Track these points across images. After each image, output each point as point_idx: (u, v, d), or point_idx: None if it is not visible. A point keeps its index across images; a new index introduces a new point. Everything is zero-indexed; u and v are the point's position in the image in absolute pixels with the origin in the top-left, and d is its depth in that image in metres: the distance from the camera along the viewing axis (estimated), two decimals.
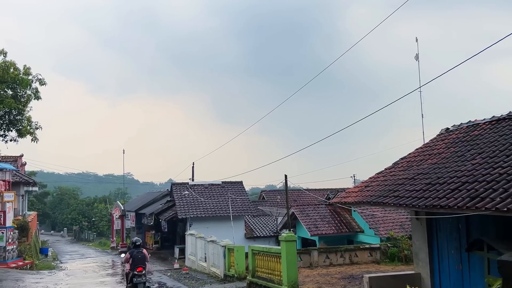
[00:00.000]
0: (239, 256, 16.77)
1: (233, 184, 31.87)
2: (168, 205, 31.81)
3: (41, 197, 75.54)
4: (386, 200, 9.88)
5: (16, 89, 27.16)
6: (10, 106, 25.54)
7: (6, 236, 22.53)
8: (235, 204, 29.58)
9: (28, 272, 22.10)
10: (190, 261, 24.22)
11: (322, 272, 17.55)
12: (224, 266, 18.21)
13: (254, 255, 15.15)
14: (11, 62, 26.67)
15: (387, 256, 19.78)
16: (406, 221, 22.96)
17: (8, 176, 24.06)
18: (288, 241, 12.57)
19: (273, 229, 30.26)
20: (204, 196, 30.06)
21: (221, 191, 31.00)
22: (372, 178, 12.58)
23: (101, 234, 68.88)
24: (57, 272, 23.28)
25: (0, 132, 28.97)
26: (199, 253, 22.59)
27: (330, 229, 23.61)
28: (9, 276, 19.42)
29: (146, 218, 33.12)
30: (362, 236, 23.68)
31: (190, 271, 21.66)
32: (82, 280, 19.97)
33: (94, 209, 76.16)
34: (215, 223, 28.37)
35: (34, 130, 28.79)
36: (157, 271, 22.79)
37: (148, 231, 35.26)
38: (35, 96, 27.88)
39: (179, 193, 29.89)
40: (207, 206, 29.16)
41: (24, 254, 24.90)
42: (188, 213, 28.17)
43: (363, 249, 19.86)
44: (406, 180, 10.63)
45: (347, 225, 24.17)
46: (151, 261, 28.97)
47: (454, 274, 10.46)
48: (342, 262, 19.39)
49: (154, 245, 33.72)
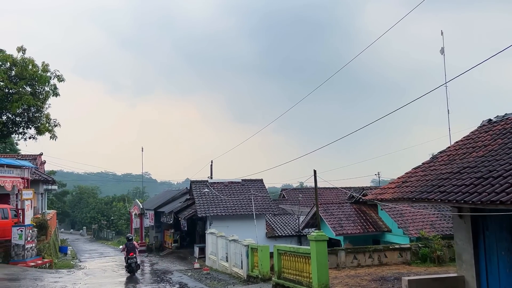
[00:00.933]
0: (264, 256, 15.99)
1: (253, 182, 31.11)
2: (187, 203, 31.22)
3: (61, 196, 76.11)
4: (432, 196, 8.95)
5: (35, 86, 26.93)
6: (29, 103, 25.28)
7: (25, 234, 22.18)
8: (256, 203, 28.81)
9: (47, 271, 21.73)
10: (210, 261, 23.55)
11: (351, 274, 16.66)
12: (247, 266, 17.46)
13: (280, 255, 14.36)
14: (30, 59, 26.43)
15: (418, 257, 18.76)
16: (436, 220, 21.87)
17: (27, 173, 23.74)
18: (318, 241, 11.75)
19: (294, 228, 29.39)
20: (224, 194, 29.39)
21: (241, 189, 30.27)
22: (409, 174, 11.65)
23: (120, 232, 68.98)
24: (76, 271, 22.88)
25: (19, 130, 28.89)
26: (220, 253, 21.89)
27: (356, 228, 22.64)
28: (27, 275, 19.04)
29: (165, 216, 32.60)
30: (389, 236, 22.65)
31: (211, 271, 20.99)
32: (101, 280, 19.48)
33: (112, 208, 76.40)
34: (235, 221, 27.66)
35: (52, 127, 28.54)
36: (177, 271, 22.20)
37: (167, 230, 34.76)
38: (54, 92, 27.62)
39: (198, 191, 29.27)
40: (227, 205, 28.47)
41: (43, 253, 24.59)
42: (208, 211, 27.51)
43: (393, 250, 18.87)
44: (451, 174, 9.69)
45: (374, 225, 23.16)
46: (170, 260, 28.51)
47: (504, 278, 9.49)
48: (371, 263, 18.44)
49: (173, 244, 33.19)
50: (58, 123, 28.74)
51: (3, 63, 26.23)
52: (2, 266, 20.49)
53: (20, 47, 26.26)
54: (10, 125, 28.07)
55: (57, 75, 27.35)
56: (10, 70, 26.31)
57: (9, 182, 22.50)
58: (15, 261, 21.47)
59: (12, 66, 26.19)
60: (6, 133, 28.99)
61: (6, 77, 25.48)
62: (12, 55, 26.20)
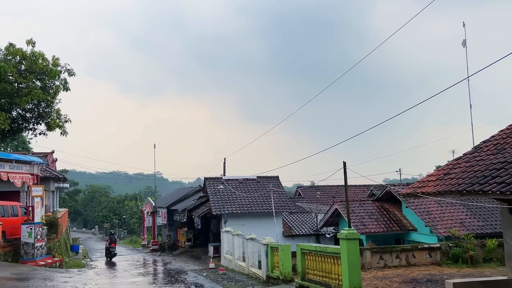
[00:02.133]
0: (285, 256, 14.91)
1: (269, 179, 30.03)
2: (201, 201, 30.28)
3: (73, 195, 75.98)
4: (488, 188, 7.80)
5: (45, 80, 26.20)
6: (38, 97, 24.50)
7: (35, 232, 21.47)
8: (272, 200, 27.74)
9: (57, 270, 20.96)
10: (226, 261, 22.56)
11: (378, 275, 15.53)
12: (267, 266, 16.40)
13: (304, 255, 13.29)
14: (40, 52, 25.68)
15: (449, 257, 17.53)
16: (466, 218, 20.62)
17: (36, 169, 22.99)
18: (349, 240, 10.65)
19: (312, 227, 28.28)
20: (239, 191, 28.38)
21: (256, 186, 29.24)
22: (451, 165, 10.50)
23: (132, 231, 68.46)
24: (86, 271, 22.07)
25: (30, 126, 28.21)
26: (236, 252, 20.89)
27: (379, 227, 21.48)
28: (37, 275, 18.28)
29: (178, 214, 31.69)
30: (414, 235, 21.45)
31: (227, 271, 19.98)
32: (113, 280, 18.63)
33: (124, 207, 75.98)
34: (251, 220, 26.66)
35: (63, 123, 27.74)
36: (191, 271, 21.23)
37: (180, 228, 33.84)
38: (64, 87, 26.82)
39: (212, 188, 28.31)
40: (242, 202, 27.45)
41: (54, 252, 23.87)
42: (223, 209, 26.51)
43: (421, 249, 17.67)
44: (505, 164, 8.54)
45: (398, 223, 21.97)
46: (184, 260, 27.59)
47: None
48: (398, 264, 17.28)
49: (186, 243, 32.24)
50: (69, 119, 27.97)
51: (13, 57, 25.57)
52: (11, 265, 19.80)
53: (30, 40, 25.51)
54: (21, 121, 27.44)
55: (68, 69, 26.56)
56: (20, 64, 25.65)
57: (19, 178, 21.77)
58: (24, 260, 20.79)
59: (21, 60, 25.51)
60: (16, 129, 28.35)
61: (15, 71, 24.78)
62: (21, 48, 25.52)
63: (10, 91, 24.76)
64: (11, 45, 26.15)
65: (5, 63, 24.33)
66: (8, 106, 25.14)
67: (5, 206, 22.81)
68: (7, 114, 23.81)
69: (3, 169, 20.62)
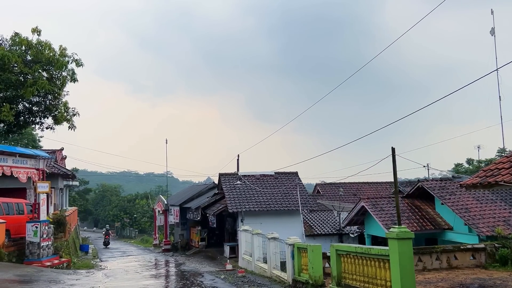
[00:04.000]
0: (315, 257, 13.25)
1: (287, 175, 28.35)
2: (215, 198, 28.69)
3: (83, 194, 75.11)
4: None
5: (51, 71, 24.87)
6: (44, 88, 23.09)
7: (41, 231, 20.10)
8: (292, 197, 26.09)
9: (64, 271, 19.56)
10: (244, 262, 20.93)
11: (419, 279, 13.75)
12: (293, 269, 14.75)
13: (340, 257, 11.61)
14: (46, 43, 24.27)
15: (495, 259, 15.69)
16: (510, 216, 18.73)
17: (42, 164, 21.63)
18: (401, 239, 8.95)
19: (334, 226, 26.55)
20: (256, 187, 26.72)
21: (274, 183, 27.56)
22: None
23: (143, 231, 67.30)
24: (95, 272, 20.63)
25: (36, 119, 26.93)
26: (256, 253, 19.26)
27: (412, 226, 19.68)
28: (42, 276, 16.89)
29: (191, 212, 30.13)
30: (451, 234, 19.62)
31: (246, 274, 18.36)
32: (123, 283, 17.13)
33: (135, 205, 74.92)
34: (269, 218, 25.00)
35: (71, 116, 26.40)
36: (208, 273, 19.63)
37: (194, 227, 32.25)
38: (72, 78, 25.41)
39: (228, 184, 26.69)
40: (260, 199, 25.78)
41: (61, 252, 22.50)
42: (239, 206, 24.86)
43: (464, 250, 15.85)
44: None
45: (431, 221, 20.16)
46: (198, 261, 26.02)
47: None
48: (438, 266, 15.49)
49: (200, 243, 30.63)
50: (77, 112, 26.58)
51: (18, 47, 24.26)
52: (15, 266, 18.44)
53: (35, 28, 24.14)
54: (27, 114, 26.18)
55: (75, 60, 25.20)
56: (25, 54, 24.34)
57: (23, 173, 20.45)
58: (29, 260, 19.49)
59: (27, 50, 24.18)
60: (22, 124, 27.08)
61: (20, 61, 23.45)
62: (27, 37, 24.19)
63: (15, 82, 23.49)
64: (16, 34, 24.86)
65: (10, 52, 22.99)
66: (13, 98, 23.85)
67: (9, 203, 21.52)
68: (11, 105, 22.50)
69: (6, 163, 19.28)
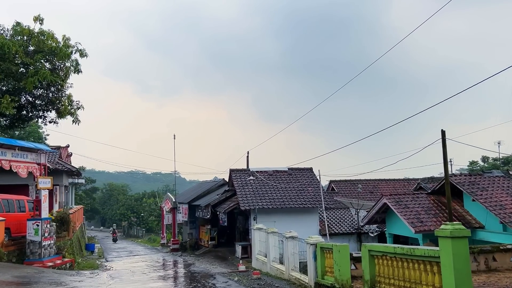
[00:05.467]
0: (342, 258, 11.83)
1: (301, 171, 26.92)
2: (226, 195, 27.33)
3: (90, 193, 74.23)
4: None
5: (54, 61, 23.69)
6: (46, 78, 21.83)
7: (42, 229, 18.91)
8: (306, 194, 24.67)
9: (66, 272, 18.34)
10: (259, 262, 19.55)
11: None
12: (315, 271, 13.34)
13: (373, 259, 10.20)
14: (49, 33, 23.10)
15: None
16: None
17: (44, 158, 20.39)
18: (456, 238, 7.53)
19: (352, 225, 25.09)
20: (269, 184, 25.34)
21: (288, 179, 26.14)
22: None
23: (150, 230, 66.22)
24: (100, 273, 19.38)
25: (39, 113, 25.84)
26: (272, 253, 17.87)
27: (440, 224, 18.13)
28: (42, 278, 15.70)
29: (201, 210, 28.79)
30: (483, 233, 18.11)
31: (261, 276, 16.97)
32: (128, 285, 15.86)
33: (143, 204, 73.91)
34: (283, 216, 23.62)
35: (75, 110, 25.22)
36: (220, 274, 18.26)
37: (203, 226, 30.88)
38: (75, 69, 24.12)
39: (239, 180, 25.31)
40: (274, 196, 24.36)
41: (64, 251, 21.30)
42: (252, 204, 23.46)
43: (504, 251, 14.36)
44: None
45: (461, 219, 18.65)
46: (209, 261, 24.63)
47: None
48: (476, 269, 13.99)
49: (210, 242, 29.24)
50: (81, 105, 25.38)
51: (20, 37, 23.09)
52: (15, 266, 17.28)
53: (37, 16, 22.92)
54: (30, 108, 25.04)
55: (79, 50, 23.99)
56: (27, 44, 23.17)
57: (23, 167, 19.18)
58: (30, 260, 18.35)
59: (29, 39, 23.00)
60: (25, 118, 25.95)
61: (21, 50, 22.27)
62: (28, 26, 23.00)
63: (16, 73, 22.33)
64: (18, 24, 23.69)
65: (10, 42, 21.82)
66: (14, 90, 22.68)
67: (10, 200, 20.39)
68: (12, 98, 21.32)
69: (4, 157, 18.02)
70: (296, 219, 23.43)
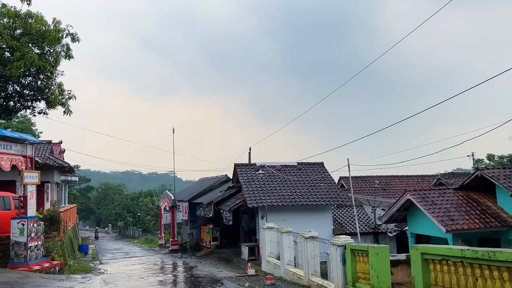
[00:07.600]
0: (381, 263, 9.90)
1: (312, 166, 24.98)
2: (230, 192, 25.33)
3: (85, 192, 72.08)
4: None
5: (43, 45, 21.65)
6: (34, 62, 19.79)
7: (28, 229, 16.90)
8: (318, 191, 22.74)
9: (55, 277, 16.32)
10: (270, 266, 17.58)
11: None
12: (344, 278, 11.40)
13: (428, 263, 8.28)
14: (37, 15, 21.10)
15: None
16: None
17: (30, 151, 18.36)
18: None
19: (368, 224, 23.17)
20: (277, 180, 23.40)
21: (297, 174, 24.19)
22: None
23: (147, 230, 64.09)
24: (92, 278, 17.37)
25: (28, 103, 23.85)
26: (286, 255, 15.91)
27: (473, 222, 16.31)
28: (27, 284, 13.75)
29: (202, 209, 26.75)
30: None
31: (275, 281, 15.01)
32: None
33: (139, 203, 71.81)
34: (294, 214, 21.71)
35: (66, 100, 23.21)
36: (227, 279, 16.27)
37: (204, 225, 28.81)
38: (66, 54, 22.07)
39: (245, 176, 23.35)
40: (283, 193, 22.40)
41: (53, 253, 19.25)
42: (260, 201, 21.49)
43: None
44: None
45: (495, 217, 16.77)
46: (212, 263, 22.57)
47: None
48: None
49: (212, 243, 27.18)
50: (73, 95, 23.35)
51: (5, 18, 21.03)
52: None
53: None
54: (17, 98, 23.02)
55: (71, 33, 21.94)
56: (14, 26, 21.14)
57: (6, 160, 17.11)
58: (14, 263, 16.39)
59: (15, 20, 20.94)
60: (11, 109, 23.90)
61: (6, 33, 20.21)
62: (15, 7, 20.96)
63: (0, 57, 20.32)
64: (3, 5, 21.67)
65: None
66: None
67: None
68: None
69: None
70: (308, 218, 21.53)
